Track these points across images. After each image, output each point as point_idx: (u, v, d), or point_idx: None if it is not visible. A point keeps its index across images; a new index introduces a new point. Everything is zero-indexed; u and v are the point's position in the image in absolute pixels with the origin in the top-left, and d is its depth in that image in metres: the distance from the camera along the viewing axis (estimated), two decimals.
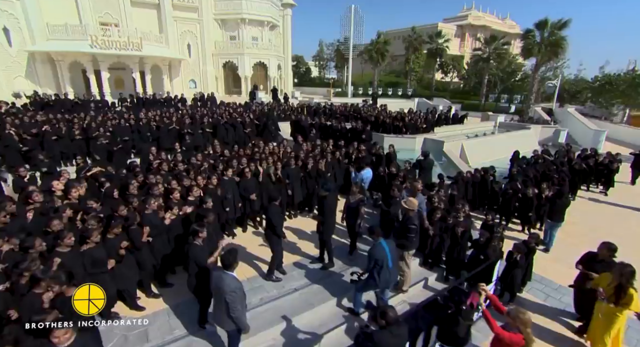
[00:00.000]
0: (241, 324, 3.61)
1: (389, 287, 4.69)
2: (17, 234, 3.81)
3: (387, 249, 4.42)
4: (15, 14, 23.32)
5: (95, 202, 5.07)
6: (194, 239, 4.33)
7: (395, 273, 4.61)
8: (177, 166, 7.24)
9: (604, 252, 4.78)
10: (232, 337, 3.81)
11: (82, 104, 16.81)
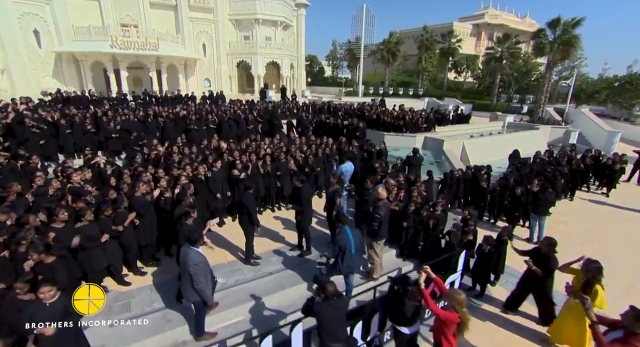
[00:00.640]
0: (204, 296, 4.02)
1: (352, 272, 5.01)
2: (17, 211, 4.36)
3: (350, 236, 4.74)
4: (45, 17, 24.88)
5: (91, 187, 5.61)
6: (185, 219, 4.82)
7: (358, 259, 4.92)
8: (171, 157, 7.75)
9: (544, 247, 4.93)
10: (198, 309, 4.23)
11: (98, 100, 17.78)
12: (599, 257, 7.05)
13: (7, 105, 11.96)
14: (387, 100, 26.74)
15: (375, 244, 5.47)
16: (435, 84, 40.44)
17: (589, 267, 4.38)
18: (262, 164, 7.59)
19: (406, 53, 41.28)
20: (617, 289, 6.28)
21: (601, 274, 4.39)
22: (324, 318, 3.47)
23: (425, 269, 3.83)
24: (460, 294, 3.58)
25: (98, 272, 4.99)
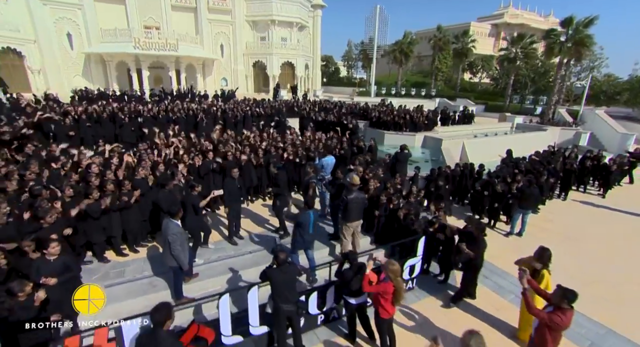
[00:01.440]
0: (180, 261, 4.69)
1: (310, 248, 5.59)
2: (32, 187, 5.20)
3: (311, 218, 5.33)
4: (77, 21, 26.79)
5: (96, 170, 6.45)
6: (191, 191, 5.75)
7: (314, 237, 5.57)
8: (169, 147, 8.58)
9: (474, 230, 5.29)
10: (176, 274, 4.93)
11: (118, 97, 19.11)
12: (572, 254, 7.37)
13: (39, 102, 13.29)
14: (399, 101, 26.94)
15: (346, 226, 6.01)
16: (449, 85, 40.09)
17: (541, 255, 4.77)
18: (254, 156, 8.25)
19: (421, 54, 41.18)
20: (579, 281, 6.51)
21: (550, 261, 4.77)
22: (275, 282, 4.05)
23: (376, 256, 4.35)
24: (394, 264, 4.08)
25: (99, 244, 5.79)
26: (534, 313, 3.77)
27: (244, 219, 7.91)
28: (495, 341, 4.96)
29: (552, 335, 3.65)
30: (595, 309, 5.66)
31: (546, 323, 3.62)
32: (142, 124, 11.81)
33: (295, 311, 4.16)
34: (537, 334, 3.81)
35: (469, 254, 5.02)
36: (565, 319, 3.54)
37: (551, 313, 3.61)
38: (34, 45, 25.22)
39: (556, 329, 3.62)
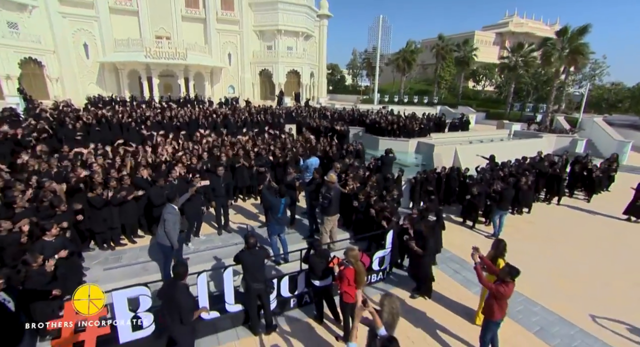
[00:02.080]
0: (171, 238, 5.32)
1: (283, 231, 6.27)
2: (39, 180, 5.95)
3: (283, 204, 6.02)
4: (93, 32, 28.28)
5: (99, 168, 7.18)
6: (194, 183, 6.52)
7: (284, 220, 6.30)
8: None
9: (424, 229, 5.75)
10: (166, 256, 5.56)
11: (127, 103, 20.18)
12: (546, 253, 7.75)
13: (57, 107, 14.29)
14: (401, 108, 27.46)
15: (326, 219, 6.57)
16: (453, 93, 40.51)
17: (499, 246, 5.28)
18: (245, 158, 8.90)
19: (425, 62, 41.68)
20: (547, 276, 6.93)
21: (505, 251, 5.28)
22: (246, 263, 4.63)
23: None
24: (354, 250, 4.61)
25: (101, 233, 6.48)
26: (483, 283, 4.43)
27: (236, 214, 8.58)
28: (455, 323, 5.45)
29: (498, 303, 4.31)
30: (553, 300, 6.07)
31: (493, 293, 4.27)
32: (148, 128, 12.62)
33: (264, 289, 4.72)
34: (486, 303, 4.49)
35: (417, 251, 5.48)
36: (508, 289, 4.21)
37: (497, 284, 4.26)
38: (53, 55, 26.71)
39: (500, 298, 4.27)
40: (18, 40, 24.08)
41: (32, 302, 3.92)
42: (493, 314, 4.38)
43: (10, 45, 23.41)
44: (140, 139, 12.19)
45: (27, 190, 5.41)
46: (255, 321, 4.89)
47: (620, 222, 10.16)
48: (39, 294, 3.94)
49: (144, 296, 4.26)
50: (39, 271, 4.04)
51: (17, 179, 5.74)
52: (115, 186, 6.62)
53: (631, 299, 6.22)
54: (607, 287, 6.59)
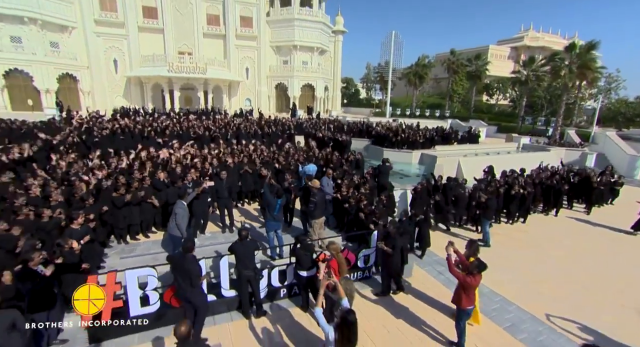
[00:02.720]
0: (180, 228, 6.11)
1: (279, 228, 6.93)
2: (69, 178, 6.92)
3: (279, 203, 6.70)
4: (122, 49, 30.61)
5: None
6: (203, 182, 7.43)
7: (279, 218, 6.90)
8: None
9: (392, 231, 6.23)
10: (175, 245, 6.33)
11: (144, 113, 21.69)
12: (531, 259, 8.13)
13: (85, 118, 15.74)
14: (413, 121, 27.96)
15: (314, 222, 7.21)
16: (466, 106, 40.69)
17: (472, 246, 5.78)
18: (250, 165, 9.73)
19: (437, 76, 42.12)
20: (527, 279, 7.28)
21: (478, 251, 5.77)
22: (238, 253, 5.33)
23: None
24: (334, 243, 5.23)
25: (121, 228, 7.36)
26: (452, 273, 4.95)
27: (241, 216, 9.33)
28: (432, 317, 5.91)
29: (466, 293, 4.86)
30: (529, 301, 6.43)
31: (461, 283, 4.83)
32: (166, 137, 13.74)
33: (254, 276, 5.39)
34: (456, 293, 5.05)
35: (387, 251, 6.02)
36: (474, 280, 4.78)
37: (465, 276, 4.81)
38: (86, 71, 29.04)
39: (467, 288, 4.82)
40: (58, 58, 26.47)
41: (63, 274, 4.74)
42: (461, 303, 4.90)
43: (51, 63, 25.76)
44: (159, 148, 13.34)
45: (60, 187, 6.36)
46: (247, 305, 5.54)
47: (614, 233, 10.28)
48: (68, 268, 4.77)
49: (151, 276, 5.03)
50: (70, 251, 4.89)
51: (52, 178, 6.73)
52: (137, 187, 7.53)
53: (605, 302, 6.48)
54: (585, 291, 6.87)
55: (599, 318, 5.93)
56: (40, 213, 5.51)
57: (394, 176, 13.96)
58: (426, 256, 8.06)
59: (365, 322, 5.57)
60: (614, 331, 5.57)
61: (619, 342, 5.34)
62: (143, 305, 5.04)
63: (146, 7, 30.83)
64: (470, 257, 5.69)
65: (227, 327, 5.35)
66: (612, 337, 5.45)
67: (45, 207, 5.65)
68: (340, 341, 3.31)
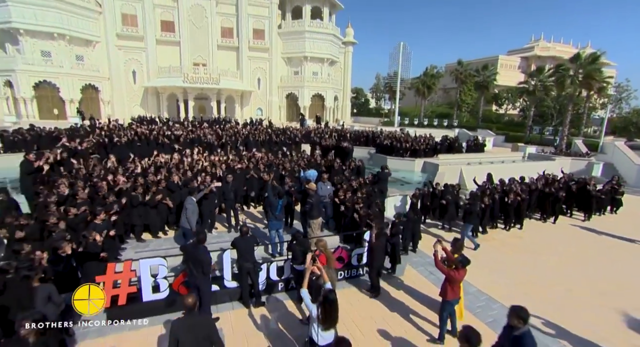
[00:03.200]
0: (191, 223, 6.79)
1: (280, 227, 7.48)
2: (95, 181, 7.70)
3: (280, 204, 7.27)
4: (141, 61, 32.21)
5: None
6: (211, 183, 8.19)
7: (281, 218, 7.45)
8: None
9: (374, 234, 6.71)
10: (186, 234, 6.99)
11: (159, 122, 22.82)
12: (523, 262, 8.47)
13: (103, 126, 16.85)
14: (420, 130, 28.36)
15: (312, 222, 7.76)
16: (475, 116, 40.86)
17: (455, 244, 6.26)
18: (255, 171, 10.39)
19: (446, 86, 42.46)
20: (514, 280, 7.62)
21: (462, 248, 6.24)
22: (239, 247, 5.92)
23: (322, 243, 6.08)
24: (322, 240, 5.76)
25: (138, 226, 8.07)
26: (438, 267, 5.44)
27: (246, 218, 9.95)
28: (422, 311, 6.34)
29: (450, 286, 5.32)
30: (514, 301, 6.70)
31: (446, 276, 5.33)
32: (179, 144, 14.62)
33: (253, 268, 5.96)
34: (442, 286, 5.49)
35: (372, 240, 6.51)
36: (458, 274, 5.26)
37: (450, 270, 5.31)
38: (107, 82, 30.67)
39: (452, 281, 5.29)
40: (82, 70, 28.17)
41: (86, 262, 5.42)
42: (447, 295, 5.35)
43: (76, 74, 27.44)
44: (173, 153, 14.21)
45: (85, 188, 7.13)
46: (246, 295, 6.10)
47: (610, 240, 10.46)
48: (91, 257, 5.45)
49: (162, 266, 5.66)
50: (93, 242, 5.58)
51: (78, 179, 7.52)
52: (154, 190, 8.26)
53: (585, 303, 6.77)
54: (568, 293, 7.16)
55: (577, 317, 6.24)
56: (68, 210, 6.25)
57: (396, 183, 14.45)
58: (419, 257, 8.49)
59: (355, 314, 6.08)
60: (589, 328, 5.88)
61: (588, 340, 5.65)
62: (154, 292, 5.66)
63: (164, 22, 32.48)
64: (455, 253, 6.15)
65: (228, 315, 5.91)
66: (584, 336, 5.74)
67: (72, 204, 6.39)
68: (323, 317, 3.84)
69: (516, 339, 3.56)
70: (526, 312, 3.64)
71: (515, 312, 3.65)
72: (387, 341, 5.44)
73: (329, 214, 9.22)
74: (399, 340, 5.49)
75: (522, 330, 3.58)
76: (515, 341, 3.56)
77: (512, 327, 3.68)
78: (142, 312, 5.55)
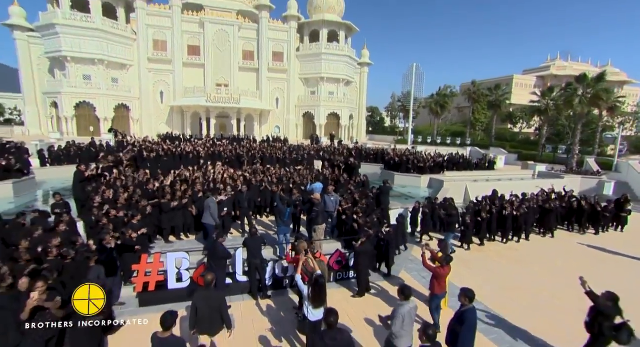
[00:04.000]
0: (213, 216, 7.89)
1: (288, 232, 8.38)
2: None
3: (288, 211, 8.24)
4: (168, 82, 34.81)
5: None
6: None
7: (288, 224, 8.38)
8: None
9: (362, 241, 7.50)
10: (209, 231, 8.07)
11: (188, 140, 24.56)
12: (514, 271, 9.10)
13: (135, 142, 18.64)
14: (433, 149, 28.98)
15: (317, 228, 8.70)
16: (489, 134, 41.08)
17: (441, 245, 7.08)
18: (268, 183, 11.50)
19: (460, 105, 43.07)
20: (503, 286, 8.20)
21: (447, 248, 7.04)
22: (249, 246, 6.92)
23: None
24: (302, 242, 6.61)
25: (167, 229, 9.25)
26: (425, 265, 6.27)
27: (259, 226, 11.00)
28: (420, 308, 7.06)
29: (437, 281, 6.11)
30: (498, 303, 7.39)
31: (433, 273, 6.12)
32: (202, 159, 16.05)
33: (260, 264, 6.93)
34: (430, 282, 6.29)
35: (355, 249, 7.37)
36: (443, 271, 6.07)
37: (435, 267, 6.14)
38: (137, 101, 33.29)
39: (438, 277, 6.08)
40: (116, 91, 30.90)
41: (123, 254, 6.57)
42: (434, 289, 6.15)
43: (111, 95, 30.14)
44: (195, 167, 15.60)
45: (124, 193, 8.42)
46: (255, 288, 7.05)
47: (606, 255, 10.77)
48: (129, 249, 6.61)
49: (185, 259, 6.73)
50: (130, 239, 6.76)
51: (118, 187, 8.84)
52: (181, 196, 9.49)
53: (565, 307, 7.27)
54: (551, 298, 7.69)
55: (556, 319, 6.79)
56: (109, 212, 7.50)
57: (401, 198, 15.21)
58: (413, 264, 9.21)
59: (349, 309, 6.87)
60: (564, 330, 6.43)
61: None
62: (178, 281, 6.71)
63: (191, 46, 35.25)
64: (441, 252, 6.93)
65: (239, 305, 6.84)
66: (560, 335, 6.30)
67: (114, 207, 7.66)
68: (313, 297, 4.74)
69: (461, 313, 4.35)
70: (472, 293, 4.43)
71: (464, 293, 4.44)
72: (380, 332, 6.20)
73: (334, 223, 10.10)
74: None
75: (467, 307, 4.37)
76: (460, 315, 4.36)
77: (462, 306, 4.46)
78: (167, 299, 6.58)
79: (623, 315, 4.73)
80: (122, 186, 9.56)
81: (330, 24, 38.90)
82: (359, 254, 7.34)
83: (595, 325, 4.76)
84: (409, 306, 4.49)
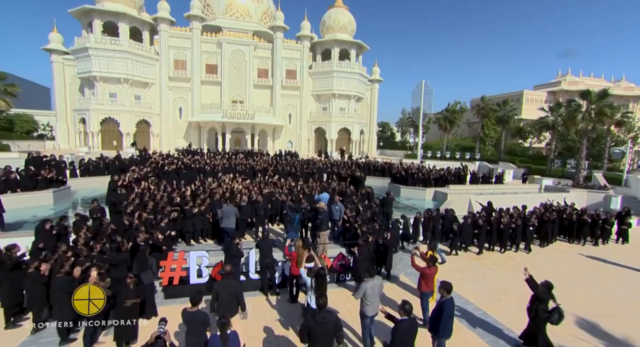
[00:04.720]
0: (232, 223, 8.80)
1: (296, 237, 9.17)
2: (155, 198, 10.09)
3: (297, 218, 9.12)
4: (187, 99, 36.75)
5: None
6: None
7: (297, 229, 9.22)
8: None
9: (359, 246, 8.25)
10: (229, 232, 8.99)
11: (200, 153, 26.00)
12: (506, 276, 9.68)
13: (156, 156, 20.05)
14: (442, 163, 29.54)
15: (321, 233, 9.53)
16: (498, 149, 41.34)
17: (430, 245, 7.82)
18: (280, 194, 12.45)
19: (469, 120, 43.57)
20: (493, 290, 8.78)
21: (436, 248, 7.77)
22: (261, 247, 7.80)
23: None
24: (298, 240, 7.47)
25: (188, 233, 10.24)
26: (414, 266, 6.98)
27: (270, 233, 11.89)
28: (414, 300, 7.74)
29: (425, 280, 6.82)
30: (486, 303, 8.00)
31: (421, 273, 6.83)
32: (218, 171, 17.20)
33: (271, 263, 7.79)
34: (418, 281, 7.00)
35: (356, 256, 8.14)
36: (430, 271, 6.78)
37: (423, 267, 6.85)
38: (157, 117, 35.25)
39: (426, 277, 6.78)
40: (139, 108, 32.93)
41: (152, 252, 7.56)
42: (422, 287, 6.85)
43: (134, 111, 32.15)
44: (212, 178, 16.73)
45: (152, 201, 9.51)
46: (265, 286, 7.88)
47: (601, 264, 11.16)
48: (155, 248, 7.60)
49: (205, 257, 7.67)
50: (157, 239, 7.76)
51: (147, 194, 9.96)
52: (201, 203, 10.53)
53: None
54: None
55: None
56: (141, 215, 8.57)
57: (405, 209, 15.89)
58: (412, 269, 9.82)
59: (350, 306, 7.59)
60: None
61: None
62: (198, 277, 7.62)
63: (209, 65, 37.32)
64: (428, 252, 7.65)
65: (251, 300, 7.65)
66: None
67: (144, 211, 8.73)
68: (316, 288, 5.56)
69: (440, 304, 5.08)
70: (450, 285, 5.16)
71: (443, 285, 5.18)
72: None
73: (339, 230, 10.90)
74: None
75: (446, 298, 5.10)
76: (440, 305, 5.09)
77: (441, 297, 5.20)
78: (189, 293, 7.44)
79: (556, 300, 5.82)
80: (150, 194, 10.68)
81: (342, 43, 40.52)
82: (359, 260, 8.13)
83: (533, 309, 5.73)
84: (373, 282, 5.31)
